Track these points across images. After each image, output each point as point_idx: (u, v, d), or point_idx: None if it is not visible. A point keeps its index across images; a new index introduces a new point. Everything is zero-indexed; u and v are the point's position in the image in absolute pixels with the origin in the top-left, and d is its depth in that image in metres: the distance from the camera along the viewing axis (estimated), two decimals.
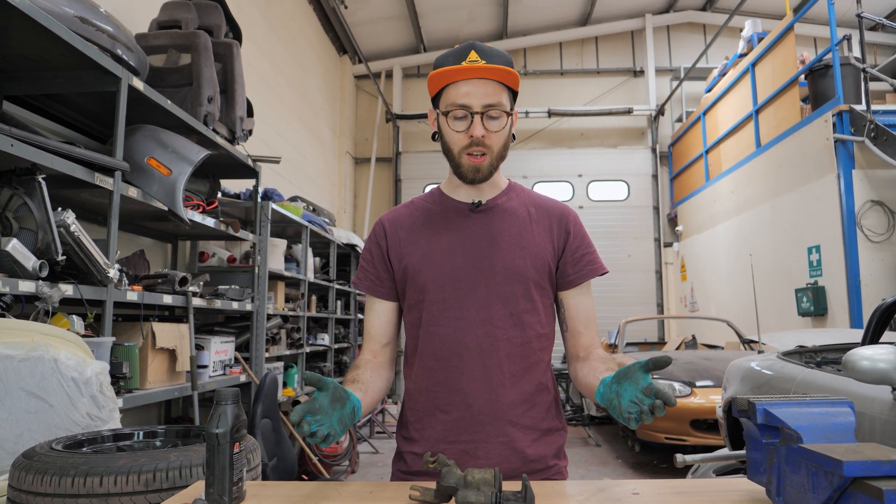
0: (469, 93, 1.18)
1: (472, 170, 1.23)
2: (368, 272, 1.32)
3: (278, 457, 3.28)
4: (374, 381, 1.23)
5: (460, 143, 1.22)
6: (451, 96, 1.20)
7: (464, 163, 1.23)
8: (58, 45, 2.05)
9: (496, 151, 1.23)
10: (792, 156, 6.16)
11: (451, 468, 0.96)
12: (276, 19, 6.54)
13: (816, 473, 0.85)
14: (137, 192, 2.49)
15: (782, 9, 7.53)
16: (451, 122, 1.21)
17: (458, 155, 1.23)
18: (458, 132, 1.21)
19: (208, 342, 3.25)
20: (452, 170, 1.28)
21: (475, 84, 1.19)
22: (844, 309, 5.32)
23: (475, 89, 1.19)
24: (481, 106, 1.18)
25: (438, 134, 1.27)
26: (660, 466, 5.09)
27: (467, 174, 1.24)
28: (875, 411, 2.10)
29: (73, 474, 1.19)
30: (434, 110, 1.28)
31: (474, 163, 1.22)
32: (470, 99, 1.18)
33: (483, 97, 1.18)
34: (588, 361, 1.24)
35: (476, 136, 1.19)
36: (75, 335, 1.83)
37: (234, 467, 0.93)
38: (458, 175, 1.26)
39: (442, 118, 1.24)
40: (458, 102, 1.19)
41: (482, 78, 1.19)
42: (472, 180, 1.25)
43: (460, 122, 1.20)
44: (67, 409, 1.65)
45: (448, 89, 1.21)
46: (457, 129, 1.21)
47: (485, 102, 1.19)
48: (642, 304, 9.43)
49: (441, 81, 1.21)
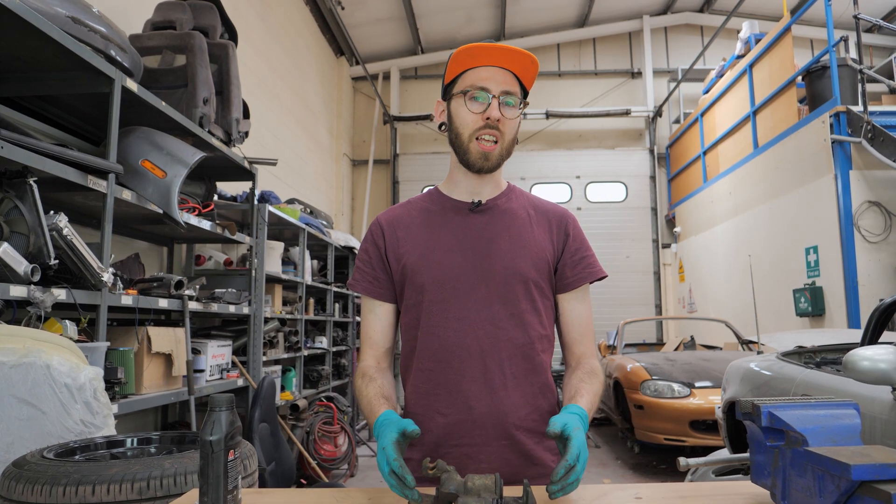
0: (489, 77, 1.20)
1: (481, 156, 1.21)
2: (366, 273, 1.29)
3: (276, 461, 3.25)
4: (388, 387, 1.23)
5: (473, 126, 1.21)
6: (470, 79, 1.21)
7: (473, 149, 1.22)
8: (49, 45, 2.03)
9: (507, 141, 1.23)
10: (789, 157, 6.16)
11: (450, 474, 0.94)
12: (272, 20, 6.52)
13: (823, 477, 0.84)
14: (132, 195, 2.47)
15: (779, 10, 7.54)
16: (467, 102, 1.21)
17: (468, 139, 1.22)
18: (473, 113, 1.20)
19: (205, 346, 3.22)
20: (458, 158, 1.26)
21: (495, 71, 1.21)
22: (842, 309, 5.32)
23: (494, 75, 1.21)
24: (500, 91, 1.20)
25: (448, 122, 1.26)
26: (659, 467, 5.07)
27: (476, 161, 1.22)
28: (875, 412, 2.09)
29: (65, 483, 1.16)
30: (442, 101, 1.28)
31: (484, 149, 1.21)
32: (489, 83, 1.20)
33: (502, 83, 1.20)
34: (576, 372, 1.23)
35: (493, 118, 1.19)
36: (68, 340, 1.80)
37: (228, 475, 0.91)
38: (465, 163, 1.24)
39: (455, 102, 1.23)
40: (477, 84, 1.20)
41: (501, 67, 1.21)
42: (480, 168, 1.23)
43: (477, 103, 1.20)
44: (60, 415, 1.62)
45: (466, 74, 1.22)
46: (473, 109, 1.20)
47: (503, 88, 1.20)
48: (641, 306, 9.43)
49: (463, 63, 1.21)
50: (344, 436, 4.72)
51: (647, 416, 4.97)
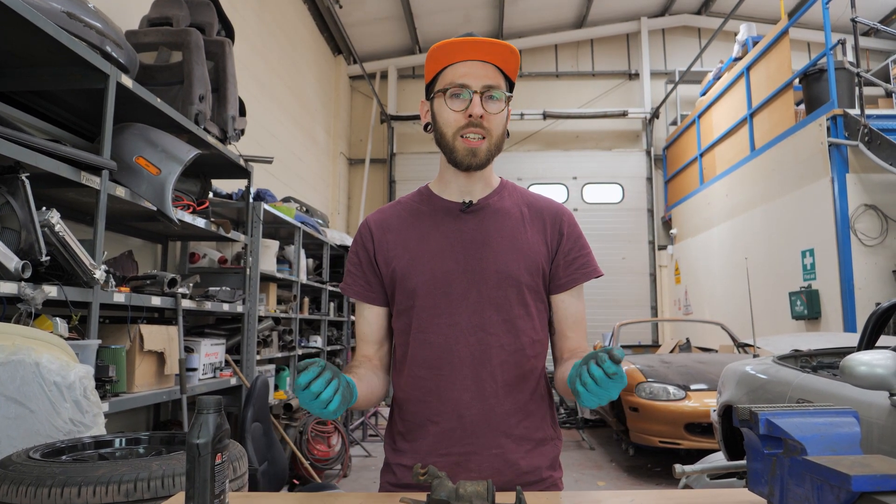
0: (468, 73, 1.16)
1: (468, 153, 1.17)
2: (357, 277, 1.27)
3: (269, 461, 3.23)
4: (369, 376, 1.19)
5: (456, 125, 1.17)
6: (449, 77, 1.17)
7: (458, 146, 1.17)
8: (44, 40, 2.00)
9: (495, 137, 1.18)
10: (786, 159, 6.17)
11: (442, 480, 0.93)
12: (270, 18, 6.49)
13: (822, 487, 0.82)
14: (125, 192, 2.44)
15: (777, 13, 7.55)
16: (448, 100, 1.17)
17: (453, 138, 1.17)
18: (455, 111, 1.16)
19: (198, 345, 3.20)
20: (446, 157, 1.22)
21: (474, 65, 1.16)
22: (838, 312, 5.32)
23: (474, 70, 1.16)
24: (481, 86, 1.16)
25: (432, 122, 1.22)
26: (654, 470, 5.07)
27: (463, 159, 1.18)
28: (872, 417, 2.08)
29: (50, 485, 1.14)
30: (426, 101, 1.24)
31: (470, 145, 1.16)
32: (469, 79, 1.15)
33: (483, 78, 1.16)
34: (569, 362, 1.20)
35: (475, 115, 1.15)
36: (59, 338, 1.78)
37: (215, 479, 0.89)
38: (453, 162, 1.20)
39: (437, 101, 1.19)
40: (456, 82, 1.16)
41: (481, 61, 1.17)
42: (469, 166, 1.19)
43: (458, 101, 1.16)
44: (49, 414, 1.60)
45: (445, 71, 1.18)
46: (454, 107, 1.16)
47: (484, 83, 1.16)
48: (636, 307, 9.43)
49: (440, 61, 1.18)
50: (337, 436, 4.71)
51: (642, 419, 4.96)
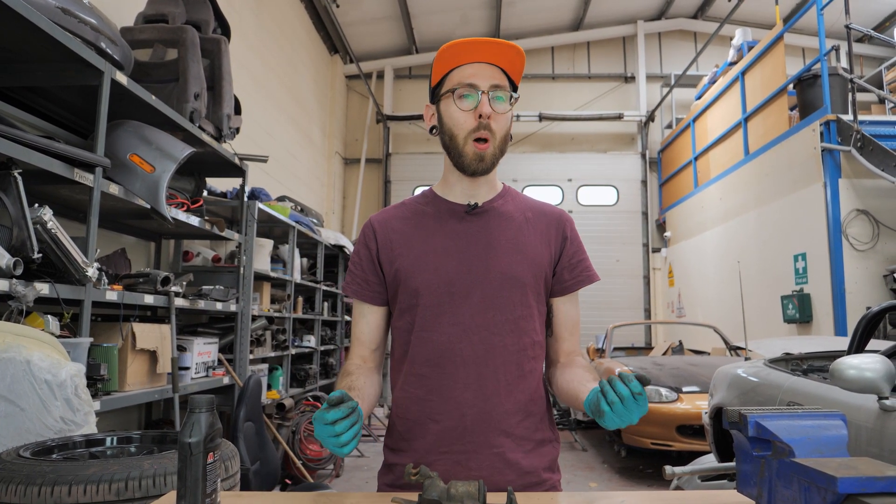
0: (476, 74, 1.18)
1: (476, 158, 1.19)
2: (357, 276, 1.27)
3: (261, 461, 3.22)
4: (367, 387, 1.19)
5: (467, 126, 1.18)
6: (457, 78, 1.19)
7: (468, 151, 1.19)
8: (38, 36, 2.00)
9: (499, 139, 1.20)
10: (780, 164, 6.21)
11: (433, 480, 0.93)
12: (266, 17, 6.48)
13: (809, 489, 0.83)
14: (119, 189, 2.43)
15: (772, 19, 7.60)
16: (457, 101, 1.18)
17: (464, 141, 1.19)
18: (464, 111, 1.18)
19: (191, 343, 3.19)
20: (453, 161, 1.23)
21: (481, 67, 1.18)
22: (829, 316, 5.36)
23: (481, 71, 1.18)
24: (489, 86, 1.17)
25: (439, 126, 1.24)
26: (646, 471, 5.09)
27: (470, 164, 1.19)
28: (861, 420, 2.10)
29: (41, 483, 1.13)
30: (431, 105, 1.26)
31: (480, 149, 1.18)
32: (477, 79, 1.17)
33: (490, 78, 1.18)
34: (571, 368, 1.22)
35: (484, 114, 1.16)
36: (50, 336, 1.77)
37: (207, 479, 0.89)
38: (460, 166, 1.21)
39: (445, 102, 1.21)
40: (465, 82, 1.18)
41: (488, 63, 1.19)
42: (475, 171, 1.20)
43: (467, 101, 1.18)
44: (40, 412, 1.59)
45: (453, 73, 1.20)
46: (464, 108, 1.18)
47: (492, 83, 1.18)
48: (630, 310, 9.46)
49: (448, 62, 1.19)
50: None
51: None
